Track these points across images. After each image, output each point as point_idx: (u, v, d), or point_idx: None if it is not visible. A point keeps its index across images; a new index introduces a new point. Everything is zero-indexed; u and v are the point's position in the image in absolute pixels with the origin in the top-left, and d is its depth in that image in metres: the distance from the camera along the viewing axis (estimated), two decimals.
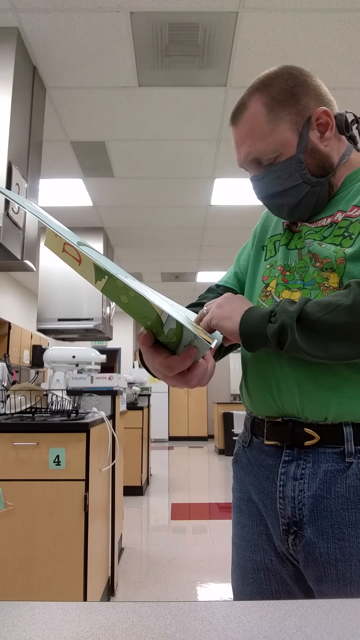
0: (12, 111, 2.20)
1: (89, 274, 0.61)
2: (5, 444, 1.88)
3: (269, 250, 0.91)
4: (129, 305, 0.61)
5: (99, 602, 0.44)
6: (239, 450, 0.90)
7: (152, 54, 2.44)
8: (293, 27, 2.27)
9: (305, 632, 0.38)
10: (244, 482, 0.87)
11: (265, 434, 0.82)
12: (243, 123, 0.81)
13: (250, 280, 0.94)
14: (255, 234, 0.99)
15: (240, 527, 0.86)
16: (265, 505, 0.81)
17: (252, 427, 0.87)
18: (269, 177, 0.82)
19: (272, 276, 0.86)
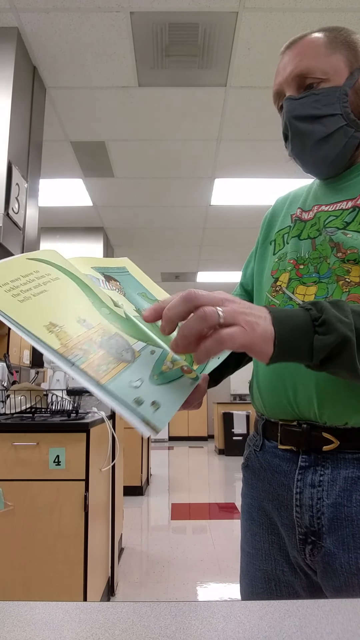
0: (12, 111, 2.20)
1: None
2: (5, 444, 1.88)
3: (277, 245, 0.85)
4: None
5: (99, 602, 0.44)
6: (250, 454, 0.84)
7: (152, 54, 2.44)
8: (293, 27, 2.27)
9: (305, 632, 0.38)
10: (255, 488, 0.82)
11: (279, 437, 0.77)
12: (300, 44, 0.78)
13: (259, 278, 0.88)
14: (260, 236, 0.94)
15: (251, 534, 0.82)
16: (280, 513, 0.76)
17: (264, 430, 0.81)
18: (309, 100, 0.76)
19: (282, 269, 0.80)
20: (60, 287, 0.54)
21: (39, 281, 0.53)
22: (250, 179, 3.91)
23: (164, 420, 0.46)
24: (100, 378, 0.45)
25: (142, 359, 0.51)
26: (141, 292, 0.68)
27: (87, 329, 0.50)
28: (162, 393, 0.49)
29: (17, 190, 2.24)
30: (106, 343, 0.49)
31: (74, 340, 0.48)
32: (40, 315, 0.49)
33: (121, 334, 0.52)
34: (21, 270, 0.53)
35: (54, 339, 0.47)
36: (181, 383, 0.53)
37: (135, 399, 0.46)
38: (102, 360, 0.47)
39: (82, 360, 0.46)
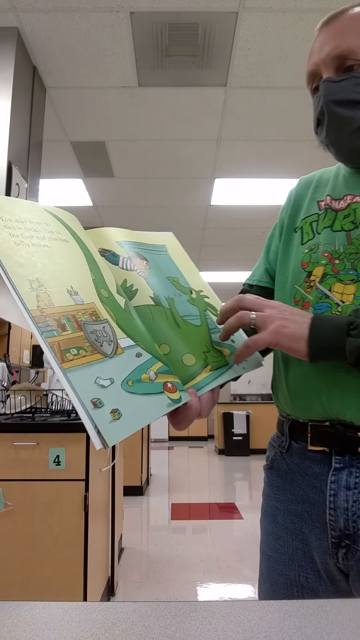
0: (12, 111, 2.20)
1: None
2: (5, 444, 1.88)
3: (305, 233, 0.79)
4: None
5: (99, 602, 0.44)
6: (276, 455, 0.81)
7: (152, 54, 2.44)
8: (293, 27, 2.27)
9: (305, 632, 0.38)
10: (282, 490, 0.79)
11: (309, 438, 0.73)
12: (340, 21, 0.71)
13: (282, 268, 0.82)
14: (283, 218, 0.87)
15: (274, 538, 0.78)
16: (310, 516, 0.73)
17: (290, 430, 0.78)
18: (349, 83, 0.70)
19: (315, 262, 0.75)
20: (65, 250, 0.48)
21: (46, 235, 0.48)
22: (250, 179, 3.91)
23: (118, 435, 0.39)
24: (64, 361, 0.40)
25: (123, 358, 0.44)
26: (173, 276, 0.62)
27: (75, 304, 0.44)
28: (129, 403, 0.42)
29: (17, 190, 2.24)
30: (89, 326, 0.43)
31: (53, 309, 0.42)
32: (29, 267, 0.43)
33: (111, 322, 0.46)
34: (33, 215, 0.48)
35: (32, 297, 0.41)
36: (157, 400, 0.45)
37: (94, 399, 0.40)
38: (74, 343, 0.41)
39: (51, 333, 0.40)
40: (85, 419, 0.38)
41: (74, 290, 0.45)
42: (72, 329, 0.42)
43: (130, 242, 0.61)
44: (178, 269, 0.64)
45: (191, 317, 0.58)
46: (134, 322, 0.50)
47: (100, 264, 0.53)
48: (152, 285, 0.57)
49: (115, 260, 0.56)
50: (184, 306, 0.58)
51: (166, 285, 0.59)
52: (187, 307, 0.59)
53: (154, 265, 0.60)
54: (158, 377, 0.46)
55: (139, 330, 0.49)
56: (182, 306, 0.58)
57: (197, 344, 0.55)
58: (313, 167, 0.92)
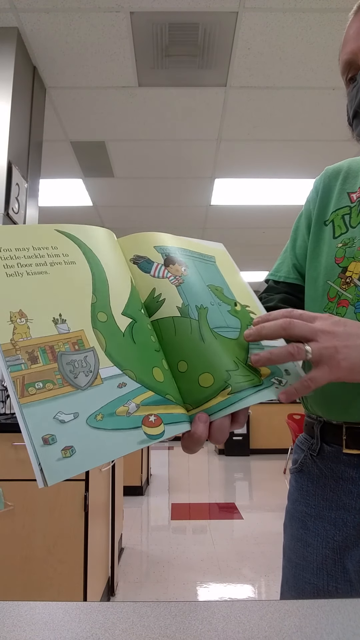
0: (12, 111, 2.20)
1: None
2: (5, 444, 1.88)
3: (337, 227, 0.75)
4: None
5: (99, 602, 0.44)
6: (306, 459, 0.78)
7: (152, 54, 2.44)
8: (293, 27, 2.27)
9: (305, 632, 0.38)
10: (313, 495, 0.75)
11: (344, 441, 0.70)
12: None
13: (313, 263, 0.78)
14: (310, 209, 0.82)
15: (303, 545, 0.74)
16: (345, 523, 0.70)
17: (322, 433, 0.75)
18: None
19: (351, 257, 0.70)
20: (67, 274, 0.47)
21: (48, 259, 0.47)
22: (250, 179, 3.91)
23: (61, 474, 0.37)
24: (24, 396, 0.39)
25: (100, 390, 0.42)
26: (217, 285, 0.57)
27: (58, 333, 0.43)
28: (90, 440, 0.39)
29: (17, 190, 2.24)
30: (67, 356, 0.42)
31: (29, 341, 0.41)
32: (15, 298, 0.42)
33: (98, 350, 0.44)
34: (38, 240, 0.47)
35: (8, 330, 0.41)
36: (126, 436, 0.41)
37: (46, 435, 0.38)
38: (42, 376, 0.40)
39: (18, 367, 0.39)
40: (32, 456, 0.37)
41: (61, 319, 0.44)
42: (45, 361, 0.41)
43: (172, 248, 0.57)
44: (224, 280, 0.59)
45: (226, 329, 0.52)
46: (132, 346, 0.47)
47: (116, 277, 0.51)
48: (186, 293, 0.53)
49: (148, 268, 0.54)
50: (221, 316, 0.53)
51: (204, 293, 0.54)
52: (227, 318, 0.53)
53: (194, 272, 0.56)
54: (140, 410, 0.43)
55: (134, 356, 0.46)
56: (219, 316, 0.53)
57: (223, 361, 0.49)
58: (313, 166, 0.92)
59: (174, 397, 0.47)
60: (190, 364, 0.49)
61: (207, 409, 0.47)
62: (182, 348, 0.49)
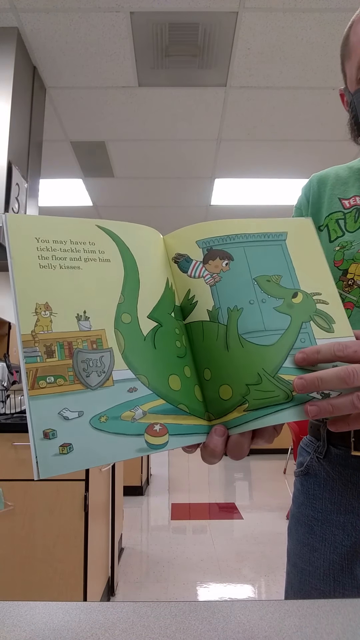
0: (12, 111, 2.20)
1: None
2: (5, 444, 1.88)
3: (332, 230, 0.75)
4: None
5: (99, 602, 0.44)
6: (312, 461, 0.77)
7: (152, 54, 2.44)
8: (293, 27, 2.27)
9: (305, 632, 0.38)
10: (320, 499, 0.74)
11: (352, 443, 0.69)
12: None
13: None
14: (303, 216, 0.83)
15: (309, 550, 0.73)
16: (354, 527, 0.69)
17: (328, 435, 0.74)
18: None
19: (350, 259, 0.70)
20: (99, 271, 0.46)
21: (84, 255, 0.46)
22: (250, 179, 3.91)
23: (54, 470, 0.37)
24: (33, 388, 0.39)
25: (109, 392, 0.42)
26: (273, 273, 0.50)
27: (79, 330, 0.43)
28: (89, 440, 0.39)
29: (17, 190, 2.24)
30: (83, 354, 0.42)
31: (49, 335, 0.41)
32: (44, 291, 0.42)
33: (115, 352, 0.43)
34: (76, 234, 0.47)
35: (31, 322, 0.41)
36: (127, 442, 0.41)
37: (48, 429, 0.38)
38: (55, 371, 0.40)
39: (34, 359, 0.40)
40: (31, 447, 0.38)
41: (85, 316, 0.43)
42: (61, 356, 0.41)
43: (219, 238, 0.51)
44: (291, 263, 0.51)
45: (262, 334, 0.46)
46: (151, 351, 0.45)
47: (150, 278, 0.49)
48: (220, 294, 0.48)
49: (186, 267, 0.50)
50: (259, 318, 0.47)
51: (245, 290, 0.49)
52: (269, 317, 0.47)
53: (239, 265, 0.50)
54: (146, 417, 0.42)
55: (151, 362, 0.45)
56: (256, 318, 0.47)
57: (244, 373, 0.45)
58: (313, 166, 0.91)
59: (189, 408, 0.45)
60: (213, 372, 0.46)
61: (226, 422, 0.45)
62: (208, 355, 0.47)
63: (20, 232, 0.45)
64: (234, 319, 0.47)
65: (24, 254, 0.43)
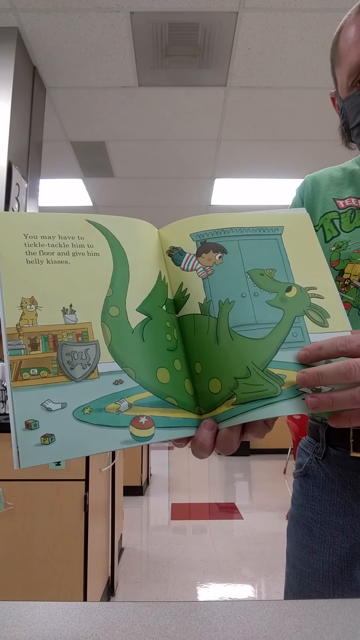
0: (12, 111, 2.20)
1: None
2: (5, 444, 1.88)
3: (327, 230, 0.75)
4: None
5: (99, 602, 0.44)
6: (312, 463, 0.76)
7: (152, 54, 2.44)
8: (293, 27, 2.27)
9: (305, 632, 0.38)
10: (319, 500, 0.74)
11: (352, 444, 0.68)
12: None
13: None
14: None
15: (308, 551, 0.73)
16: (353, 529, 0.68)
17: (327, 436, 0.74)
18: None
19: (347, 260, 0.70)
20: (87, 265, 0.46)
21: (72, 249, 0.46)
22: (250, 179, 3.91)
23: (35, 459, 0.38)
24: (17, 380, 0.39)
25: (94, 384, 0.41)
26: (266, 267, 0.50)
27: (65, 323, 0.43)
28: (72, 431, 0.39)
29: (17, 190, 2.24)
30: (67, 347, 0.42)
31: (34, 328, 0.41)
32: (30, 285, 0.43)
33: (101, 344, 0.43)
34: (66, 229, 0.47)
35: (16, 315, 0.41)
36: (111, 434, 0.40)
37: (30, 420, 0.38)
38: (39, 363, 0.41)
39: (18, 352, 0.40)
40: (13, 437, 0.38)
41: (71, 309, 0.44)
42: (45, 348, 0.41)
43: (213, 231, 0.51)
44: (286, 257, 0.51)
45: (253, 327, 0.46)
46: (139, 344, 0.45)
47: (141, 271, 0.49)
48: (212, 287, 0.48)
49: (179, 260, 0.51)
50: (251, 311, 0.47)
51: (238, 283, 0.48)
52: (261, 311, 0.47)
53: (233, 258, 0.50)
54: (132, 410, 0.42)
55: (138, 355, 0.45)
56: (248, 311, 0.47)
57: (233, 366, 0.45)
58: (313, 166, 0.91)
59: (178, 401, 0.45)
60: (204, 366, 0.46)
61: (215, 416, 0.44)
62: (199, 348, 0.47)
63: (8, 229, 0.45)
64: (225, 312, 0.47)
65: (11, 250, 0.44)
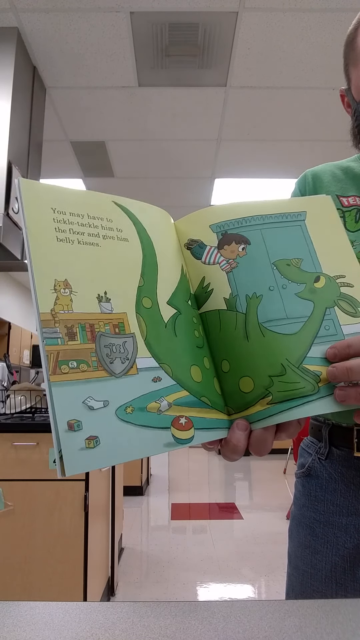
0: (12, 111, 2.20)
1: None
2: (5, 444, 1.88)
3: None
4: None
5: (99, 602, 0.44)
6: (314, 463, 0.76)
7: (152, 54, 2.44)
8: (293, 27, 2.27)
9: (305, 632, 0.38)
10: (322, 501, 0.73)
11: (355, 444, 0.68)
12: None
13: None
14: None
15: (311, 552, 0.72)
16: (357, 529, 0.69)
17: (330, 436, 0.73)
18: None
19: None
20: (118, 250, 0.43)
21: (102, 231, 0.43)
22: (250, 179, 3.91)
23: (81, 466, 0.34)
24: (55, 373, 0.36)
25: (134, 380, 0.39)
26: (293, 257, 0.47)
27: (101, 312, 0.39)
28: (117, 433, 0.36)
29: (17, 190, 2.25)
30: (106, 339, 0.39)
31: (70, 315, 0.38)
32: (63, 266, 0.39)
33: (138, 338, 0.40)
34: (94, 209, 0.44)
35: (49, 299, 0.37)
36: (155, 436, 0.38)
37: (72, 420, 0.35)
38: (78, 355, 0.37)
39: (54, 341, 0.36)
40: (54, 440, 0.34)
41: (106, 297, 0.40)
42: (83, 339, 0.38)
43: (234, 221, 0.48)
44: (311, 245, 0.48)
45: (284, 322, 0.44)
46: (172, 340, 0.43)
47: (167, 262, 0.46)
48: (237, 280, 0.46)
49: (199, 253, 0.48)
50: (280, 305, 0.44)
51: (264, 276, 0.46)
52: (291, 304, 0.45)
53: (257, 249, 0.47)
54: (172, 409, 0.39)
55: (173, 351, 0.42)
56: (277, 305, 0.44)
57: (267, 363, 0.42)
58: (312, 166, 0.91)
59: (211, 401, 0.42)
60: (232, 364, 0.43)
61: (247, 416, 0.42)
62: (226, 346, 0.44)
63: (36, 200, 0.41)
64: (253, 306, 0.44)
65: (40, 224, 0.40)
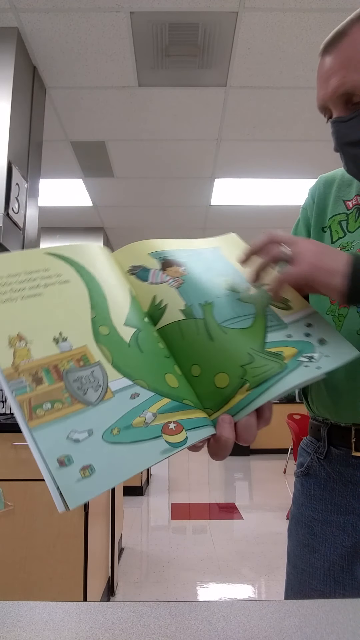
0: (12, 111, 2.20)
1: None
2: (5, 444, 1.88)
3: (334, 232, 0.77)
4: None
5: (99, 602, 0.44)
6: (312, 462, 0.77)
7: (152, 54, 2.44)
8: (293, 27, 2.27)
9: (305, 632, 0.38)
10: (320, 500, 0.74)
11: (353, 444, 0.69)
12: (340, 50, 0.68)
13: None
14: (308, 216, 0.84)
15: (309, 551, 0.73)
16: (355, 528, 0.69)
17: (329, 436, 0.74)
18: (357, 122, 0.67)
19: None
20: (62, 293, 0.46)
21: (41, 282, 0.46)
22: (250, 179, 3.91)
23: (83, 496, 0.35)
24: (32, 418, 0.37)
25: (112, 403, 0.40)
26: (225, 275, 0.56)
27: (61, 351, 0.42)
28: (109, 456, 0.37)
29: (17, 190, 2.24)
30: (73, 374, 0.41)
31: (31, 363, 0.40)
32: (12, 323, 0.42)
33: (104, 364, 0.43)
34: (28, 265, 0.47)
35: (8, 355, 0.40)
36: (148, 447, 0.39)
37: (61, 456, 0.36)
38: (50, 396, 0.39)
39: (23, 390, 0.38)
40: (48, 480, 0.35)
41: (62, 337, 0.43)
42: (50, 380, 0.40)
43: (168, 251, 0.57)
44: (234, 267, 0.58)
45: (237, 319, 0.50)
46: (139, 356, 0.45)
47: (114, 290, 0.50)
48: (188, 293, 0.52)
49: (145, 276, 0.53)
50: (229, 308, 0.51)
51: (209, 288, 0.53)
52: (237, 306, 0.52)
53: (196, 269, 0.55)
54: (158, 418, 0.41)
55: (143, 365, 0.45)
56: (227, 308, 0.51)
57: (235, 356, 0.47)
58: (313, 166, 0.91)
59: (192, 402, 0.44)
60: (203, 366, 0.47)
61: (228, 410, 0.45)
62: (192, 351, 0.47)
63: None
64: (208, 311, 0.50)
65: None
